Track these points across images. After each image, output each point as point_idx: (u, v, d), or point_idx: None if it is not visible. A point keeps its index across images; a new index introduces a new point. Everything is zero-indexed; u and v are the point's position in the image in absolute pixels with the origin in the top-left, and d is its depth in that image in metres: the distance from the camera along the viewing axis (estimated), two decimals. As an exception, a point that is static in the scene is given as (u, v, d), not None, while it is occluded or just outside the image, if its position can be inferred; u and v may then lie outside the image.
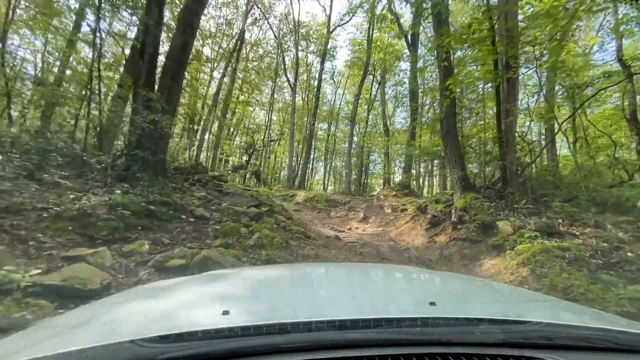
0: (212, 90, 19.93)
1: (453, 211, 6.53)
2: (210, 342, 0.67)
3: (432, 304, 0.93)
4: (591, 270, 3.42)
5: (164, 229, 4.99)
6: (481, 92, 11.04)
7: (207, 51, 20.76)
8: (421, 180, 24.39)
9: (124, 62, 11.07)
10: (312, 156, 27.40)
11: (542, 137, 14.45)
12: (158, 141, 6.62)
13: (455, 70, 7.64)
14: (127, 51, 11.10)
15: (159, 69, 7.84)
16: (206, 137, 19.96)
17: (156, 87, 7.07)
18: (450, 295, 1.32)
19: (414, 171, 19.88)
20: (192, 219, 5.68)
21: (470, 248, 5.32)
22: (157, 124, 6.05)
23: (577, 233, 4.42)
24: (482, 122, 13.69)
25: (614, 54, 11.98)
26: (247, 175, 22.25)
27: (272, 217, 6.44)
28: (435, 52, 6.96)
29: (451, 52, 6.74)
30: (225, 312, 0.82)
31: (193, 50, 17.24)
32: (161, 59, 8.40)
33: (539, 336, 0.77)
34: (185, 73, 16.17)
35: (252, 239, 4.83)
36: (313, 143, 24.80)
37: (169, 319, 0.89)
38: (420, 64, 15.54)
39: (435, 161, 21.41)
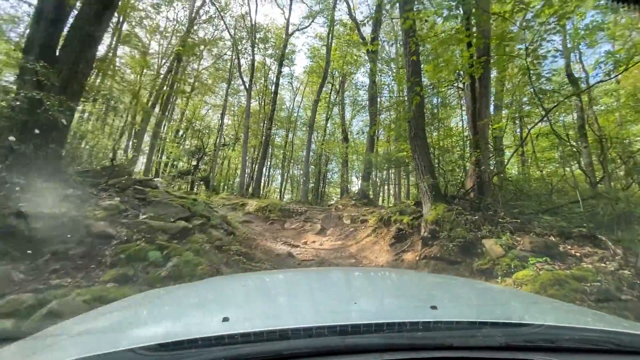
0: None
1: (423, 224, 5.68)
2: (210, 350, 0.65)
3: (434, 307, 0.90)
4: (640, 316, 2.64)
5: (30, 255, 3.40)
6: (442, 97, 10.73)
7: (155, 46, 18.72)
8: (377, 189, 24.13)
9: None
10: (268, 163, 25.99)
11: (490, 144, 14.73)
12: (49, 131, 4.93)
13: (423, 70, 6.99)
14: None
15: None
16: (146, 137, 17.61)
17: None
18: (451, 298, 1.26)
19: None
20: (87, 239, 4.10)
21: (447, 270, 4.44)
22: (42, 105, 4.40)
23: (577, 254, 3.74)
24: (439, 129, 13.49)
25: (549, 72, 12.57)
26: (197, 182, 20.17)
27: (206, 233, 5.05)
28: (402, 45, 6.27)
29: (420, 44, 6.02)
30: (225, 319, 0.79)
31: (122, 29, 15.04)
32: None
33: (542, 339, 0.74)
34: (117, 59, 13.94)
35: (167, 268, 3.44)
36: (269, 149, 23.45)
37: (168, 326, 0.87)
38: (379, 66, 15.10)
39: (392, 170, 21.30)
